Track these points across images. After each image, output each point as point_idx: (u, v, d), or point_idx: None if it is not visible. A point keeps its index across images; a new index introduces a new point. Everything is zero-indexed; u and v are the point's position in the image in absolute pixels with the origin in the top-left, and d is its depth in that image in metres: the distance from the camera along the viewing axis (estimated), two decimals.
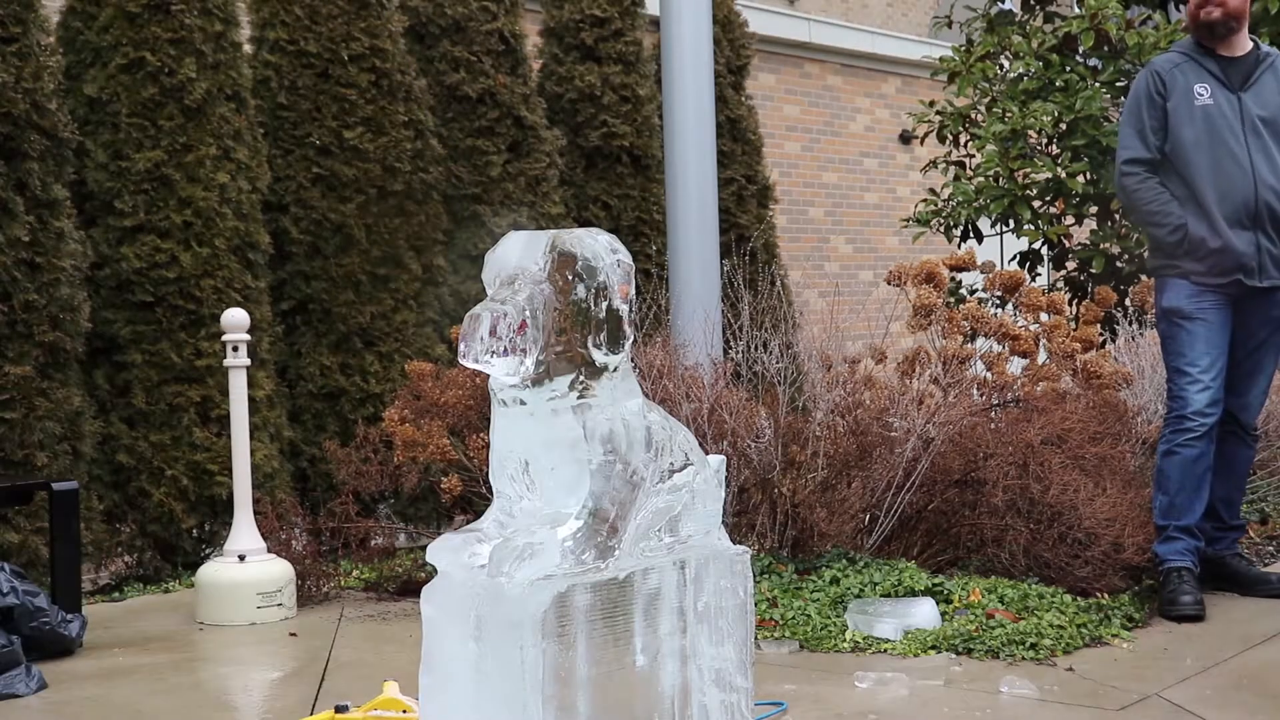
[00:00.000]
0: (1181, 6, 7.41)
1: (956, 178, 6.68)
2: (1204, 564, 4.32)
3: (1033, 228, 6.43)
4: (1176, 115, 4.26)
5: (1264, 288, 4.25)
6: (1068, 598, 4.09)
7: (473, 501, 4.90)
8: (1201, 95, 4.25)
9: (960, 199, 6.50)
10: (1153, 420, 5.25)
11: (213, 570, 4.68)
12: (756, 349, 5.05)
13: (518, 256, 2.41)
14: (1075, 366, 5.30)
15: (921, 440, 4.56)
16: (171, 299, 5.54)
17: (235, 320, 4.75)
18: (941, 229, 6.78)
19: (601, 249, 2.41)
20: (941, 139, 6.71)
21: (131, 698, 3.68)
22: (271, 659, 4.19)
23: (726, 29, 8.41)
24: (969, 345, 5.23)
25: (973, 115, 6.60)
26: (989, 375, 5.17)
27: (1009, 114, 6.10)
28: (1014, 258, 6.99)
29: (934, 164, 6.93)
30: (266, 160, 5.98)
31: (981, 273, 5.75)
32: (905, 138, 13.42)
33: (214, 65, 5.70)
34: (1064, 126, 6.14)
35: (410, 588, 4.86)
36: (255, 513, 4.83)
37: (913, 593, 4.11)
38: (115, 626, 4.58)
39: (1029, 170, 6.29)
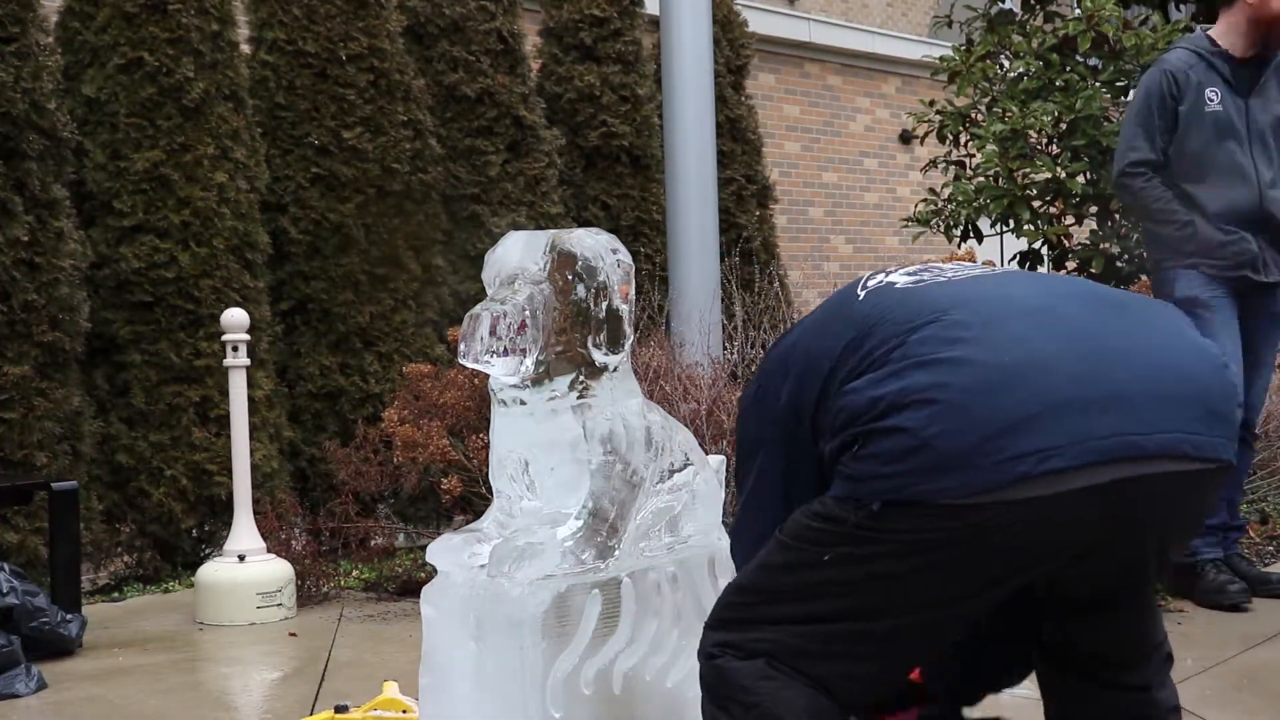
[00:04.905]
0: (1182, 6, 7.41)
1: (956, 177, 6.67)
2: None
3: (1032, 228, 6.43)
4: (1187, 120, 4.18)
5: (1268, 283, 4.23)
6: None
7: (473, 501, 4.90)
8: (1212, 100, 4.18)
9: (960, 199, 6.49)
10: None
11: (212, 570, 4.68)
12: (755, 349, 5.05)
13: (517, 256, 2.41)
14: None
15: None
16: (170, 299, 5.54)
17: (234, 320, 4.75)
18: (941, 229, 6.78)
19: (601, 249, 2.40)
20: (941, 139, 6.69)
21: (131, 698, 3.68)
22: (271, 659, 4.19)
23: (726, 29, 8.41)
24: None
25: (973, 115, 6.59)
26: None
27: (1009, 114, 6.09)
28: (1014, 258, 6.98)
29: (934, 164, 6.93)
30: (265, 160, 5.97)
31: None
32: (905, 137, 13.41)
33: (211, 65, 5.69)
34: (1064, 126, 6.13)
35: (410, 588, 4.86)
36: (255, 513, 4.83)
37: None
38: (115, 626, 4.58)
39: (1029, 170, 6.27)
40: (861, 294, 2.02)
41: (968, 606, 1.88)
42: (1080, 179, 6.15)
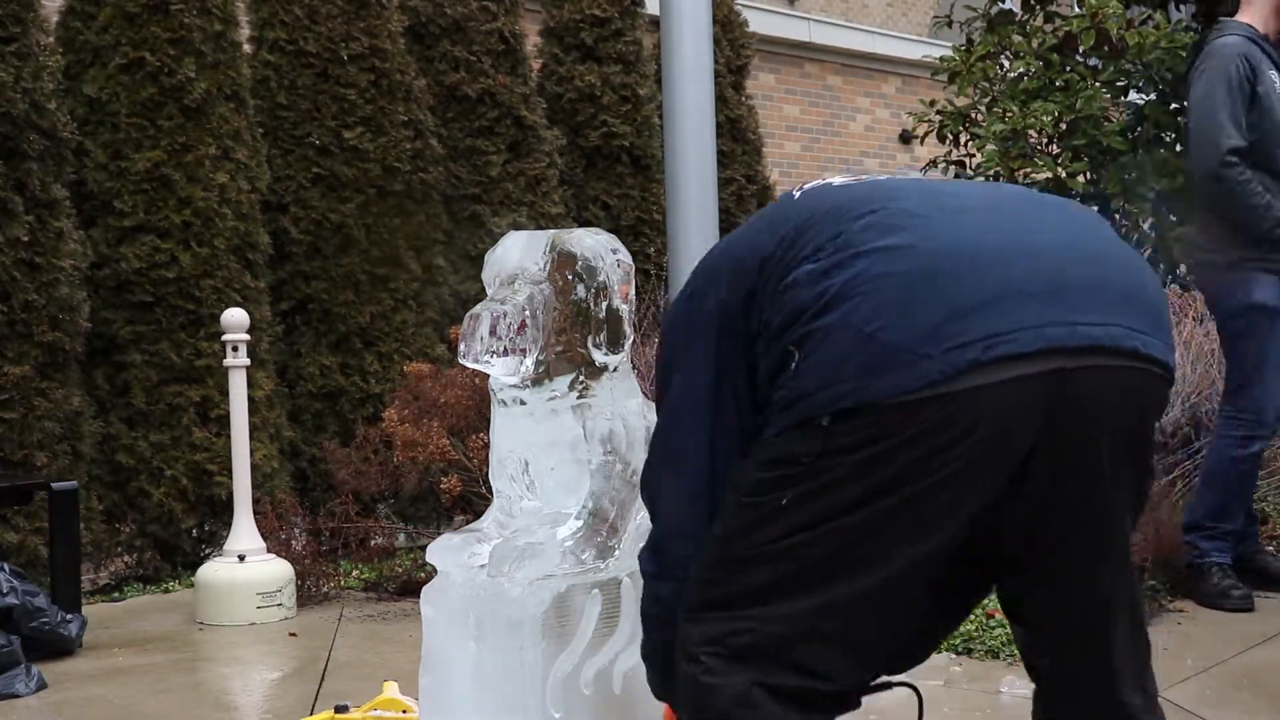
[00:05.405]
0: (1182, 6, 7.41)
1: (957, 177, 6.67)
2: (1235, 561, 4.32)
3: None
4: (1266, 101, 4.09)
5: None
6: None
7: (473, 501, 4.90)
8: (1276, 82, 4.13)
9: None
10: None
11: (212, 570, 4.68)
12: None
13: (518, 256, 2.41)
14: None
15: None
16: (171, 299, 5.54)
17: (235, 320, 4.75)
18: None
19: (601, 249, 2.40)
20: (941, 139, 6.70)
21: (131, 698, 3.68)
22: (271, 659, 4.19)
23: (726, 29, 8.41)
24: None
25: (973, 115, 6.59)
26: None
27: (1009, 114, 6.09)
28: None
29: (934, 164, 6.93)
30: (266, 160, 5.97)
31: None
32: (905, 137, 13.41)
33: (213, 65, 5.69)
34: (1064, 126, 6.14)
35: (410, 588, 4.86)
36: (255, 513, 4.83)
37: None
38: (115, 626, 4.58)
39: (1029, 170, 6.27)
40: (798, 194, 1.96)
41: (934, 541, 1.75)
42: (1081, 179, 6.15)
